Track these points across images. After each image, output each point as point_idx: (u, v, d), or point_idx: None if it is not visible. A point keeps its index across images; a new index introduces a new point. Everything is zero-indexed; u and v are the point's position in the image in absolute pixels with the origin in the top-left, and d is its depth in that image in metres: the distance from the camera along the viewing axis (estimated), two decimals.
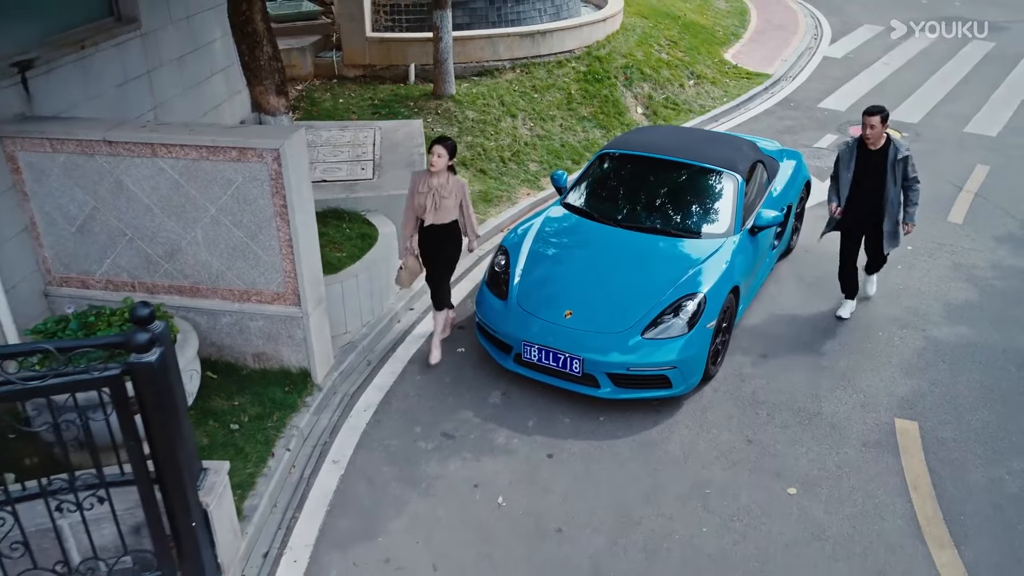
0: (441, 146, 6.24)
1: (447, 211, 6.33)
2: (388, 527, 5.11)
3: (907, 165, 6.68)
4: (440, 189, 6.26)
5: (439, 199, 6.25)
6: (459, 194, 6.36)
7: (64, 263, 6.15)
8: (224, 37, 9.01)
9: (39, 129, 5.68)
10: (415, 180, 6.38)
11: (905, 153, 6.66)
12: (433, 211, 6.29)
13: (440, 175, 6.26)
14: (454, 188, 6.32)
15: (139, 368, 3.77)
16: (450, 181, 6.32)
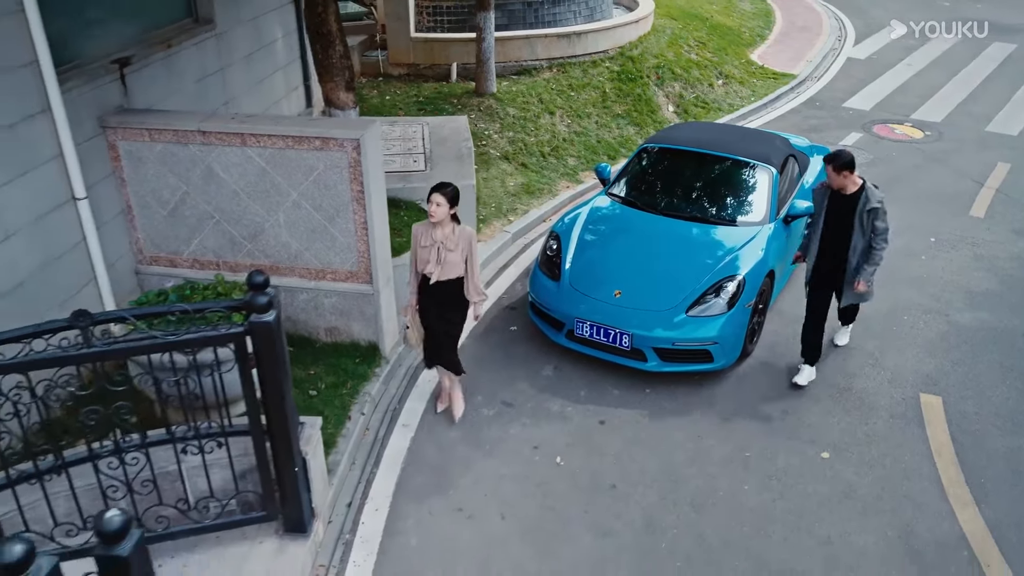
0: (439, 193, 5.55)
1: (453, 266, 5.67)
2: (458, 482, 5.63)
3: (876, 217, 6.07)
4: (445, 241, 5.61)
5: (444, 252, 5.61)
6: (465, 247, 5.68)
7: (155, 243, 6.72)
8: (285, 37, 9.60)
9: (139, 120, 6.26)
10: (417, 232, 5.72)
11: (875, 205, 6.04)
12: (437, 266, 5.65)
13: (443, 225, 5.61)
14: (460, 240, 5.66)
15: (259, 327, 4.32)
16: (455, 232, 5.65)
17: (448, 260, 5.63)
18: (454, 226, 5.66)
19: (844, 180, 6.05)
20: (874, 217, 6.06)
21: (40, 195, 5.64)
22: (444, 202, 5.54)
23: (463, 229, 5.71)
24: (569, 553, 5.08)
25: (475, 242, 5.76)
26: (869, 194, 6.07)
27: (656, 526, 5.28)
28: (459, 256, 5.66)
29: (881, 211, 6.07)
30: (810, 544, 5.15)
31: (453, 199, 5.62)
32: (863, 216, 6.07)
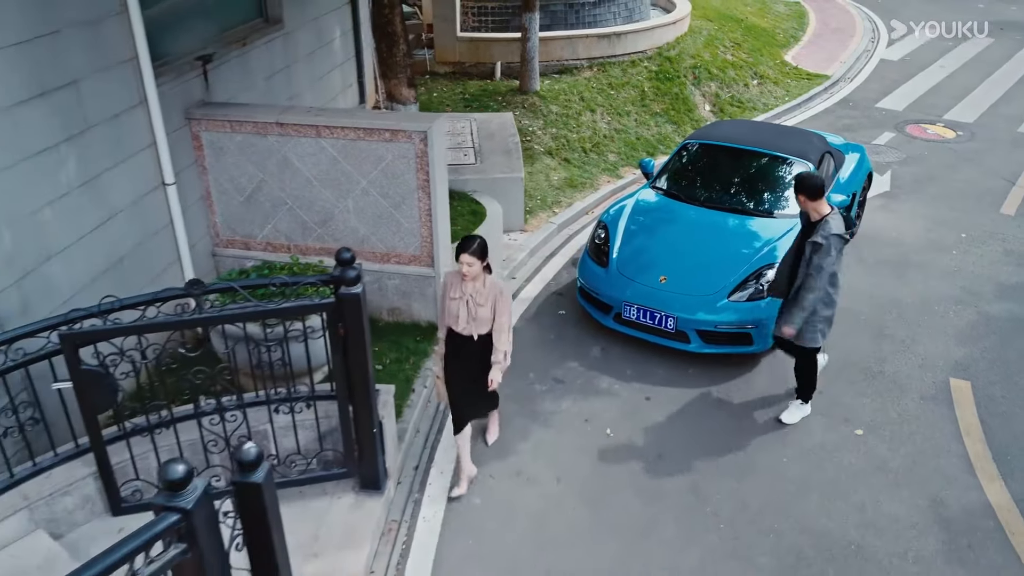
0: (466, 254, 5.08)
1: (484, 322, 5.28)
2: (515, 449, 6.08)
3: (816, 252, 5.62)
4: (475, 295, 5.22)
5: (474, 307, 5.24)
6: (493, 301, 5.25)
7: (231, 227, 7.23)
8: (342, 37, 10.11)
9: (222, 112, 6.77)
10: (447, 281, 5.38)
11: (820, 240, 5.60)
12: (469, 321, 5.28)
13: (475, 280, 5.21)
14: (491, 293, 5.23)
15: (347, 298, 4.78)
16: (487, 285, 5.24)
17: (479, 316, 5.25)
18: (486, 277, 5.24)
19: (813, 204, 5.70)
20: (814, 251, 5.62)
21: (137, 179, 6.16)
22: (475, 261, 5.10)
23: (494, 283, 5.26)
24: (620, 513, 5.52)
25: (507, 296, 5.32)
26: (822, 226, 5.63)
27: (700, 492, 5.70)
28: (488, 311, 5.26)
29: (824, 248, 5.57)
30: (845, 509, 5.54)
31: (482, 254, 5.14)
32: (807, 247, 5.68)
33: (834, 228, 5.61)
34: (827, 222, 5.63)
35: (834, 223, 5.64)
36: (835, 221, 5.65)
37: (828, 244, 5.57)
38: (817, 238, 5.60)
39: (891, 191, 10.58)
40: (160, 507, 3.05)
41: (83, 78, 5.50)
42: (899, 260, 8.83)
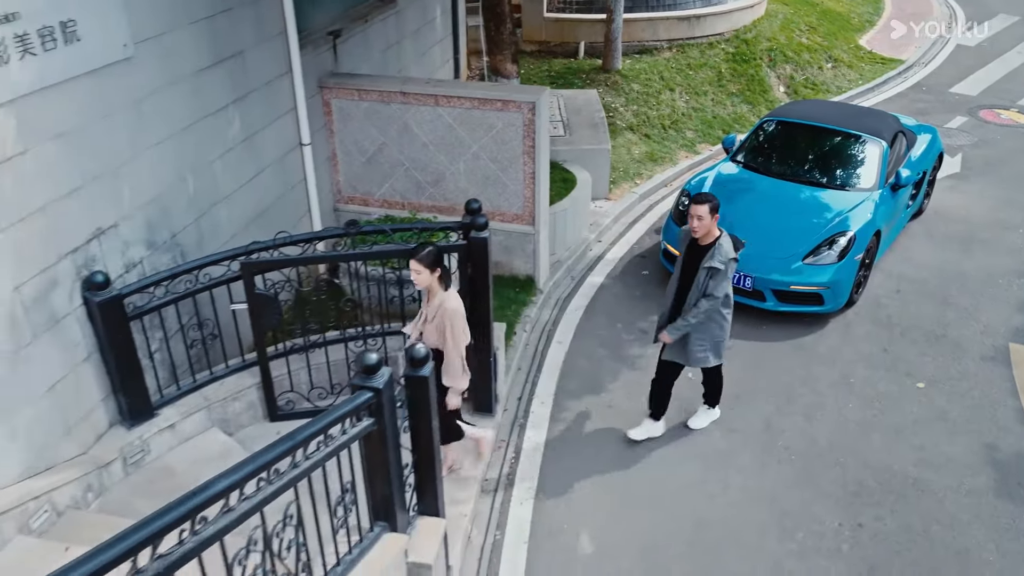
0: (414, 260, 4.78)
1: (431, 339, 4.96)
2: (607, 386, 6.85)
3: (711, 277, 5.52)
4: (427, 310, 4.99)
5: (423, 323, 5.03)
6: (441, 324, 4.88)
7: (352, 186, 8.10)
8: (442, 15, 10.92)
9: (352, 82, 7.62)
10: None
11: (718, 265, 5.48)
12: (416, 332, 5.12)
13: (431, 292, 4.94)
14: (439, 312, 4.88)
15: (477, 241, 5.58)
16: (436, 299, 4.91)
17: (427, 330, 4.97)
18: (439, 293, 4.90)
19: (709, 226, 5.54)
20: (710, 276, 5.53)
21: (281, 139, 7.05)
22: (423, 270, 4.78)
23: (443, 301, 4.88)
24: (700, 442, 6.25)
25: (458, 319, 4.89)
26: (716, 251, 5.53)
27: (773, 428, 6.39)
28: (434, 329, 4.93)
29: (722, 273, 5.52)
30: (905, 449, 6.18)
31: (432, 263, 4.80)
32: (701, 271, 5.57)
33: (728, 252, 5.53)
34: (720, 246, 5.52)
35: (727, 245, 5.56)
36: (727, 243, 5.57)
37: (726, 269, 5.51)
38: (715, 263, 5.47)
39: (961, 172, 10.99)
40: (357, 387, 3.90)
41: (247, 49, 6.38)
42: (966, 236, 9.30)
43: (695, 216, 5.48)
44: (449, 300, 4.90)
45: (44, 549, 4.33)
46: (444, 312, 4.86)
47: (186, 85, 5.69)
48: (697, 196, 5.57)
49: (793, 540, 5.39)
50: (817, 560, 5.24)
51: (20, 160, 4.32)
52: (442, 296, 4.90)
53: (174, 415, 5.42)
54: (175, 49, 5.52)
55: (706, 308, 5.60)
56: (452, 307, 4.88)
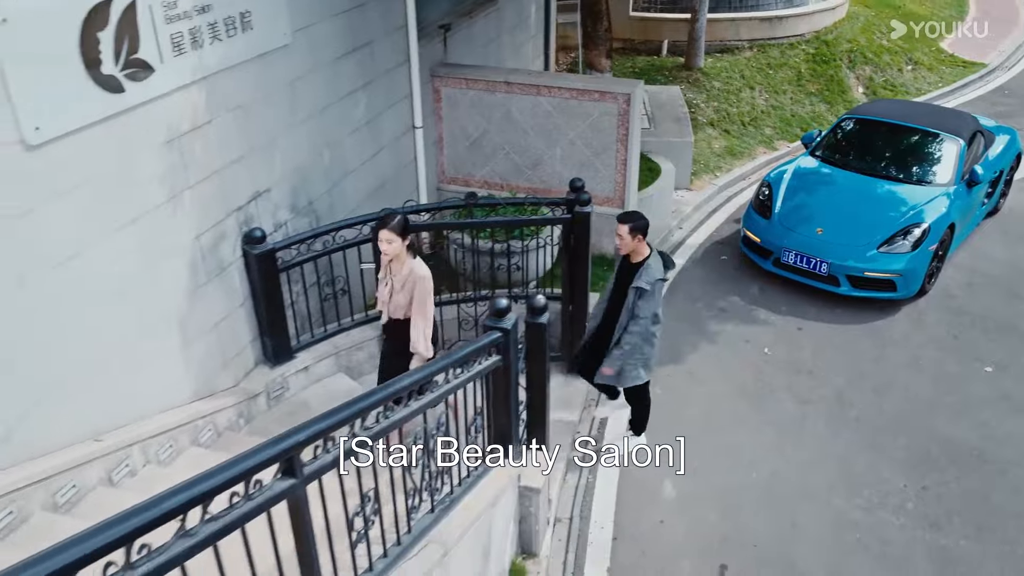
0: (385, 230, 4.82)
1: (400, 308, 5.08)
2: (687, 357, 7.42)
3: (639, 297, 5.43)
4: (395, 279, 5.04)
5: (392, 292, 5.08)
6: (411, 288, 4.96)
7: (455, 167, 8.82)
8: (536, 13, 11.55)
9: (460, 72, 8.33)
10: (380, 261, 5.25)
11: (645, 286, 5.40)
12: (385, 305, 5.18)
13: (398, 260, 4.99)
14: (408, 280, 4.96)
15: (580, 216, 6.23)
16: (404, 270, 4.98)
17: (395, 301, 5.08)
18: (407, 261, 4.98)
19: (637, 244, 5.50)
20: (638, 297, 5.45)
21: (398, 122, 7.80)
22: (395, 238, 4.83)
23: (414, 268, 4.97)
24: (775, 410, 6.78)
25: (429, 284, 4.98)
26: (645, 272, 5.45)
27: (844, 400, 6.88)
28: (404, 298, 5.01)
29: (649, 293, 5.41)
30: (969, 424, 6.61)
31: (402, 230, 4.87)
32: (631, 292, 5.49)
33: (656, 273, 5.50)
34: (649, 266, 5.48)
35: (656, 266, 5.52)
36: (656, 264, 5.53)
37: (653, 289, 5.45)
38: (642, 284, 5.41)
39: None
40: (489, 327, 4.57)
41: (375, 40, 7.13)
42: None
43: (616, 234, 5.47)
44: (419, 267, 4.98)
45: (213, 458, 5.13)
46: (416, 279, 4.92)
47: (327, 70, 6.46)
48: (621, 215, 5.54)
49: (860, 496, 5.90)
50: (882, 514, 5.74)
51: (207, 128, 5.12)
52: (411, 264, 4.97)
53: (308, 359, 6.20)
54: (320, 38, 6.29)
55: (637, 332, 5.52)
56: (423, 273, 4.96)
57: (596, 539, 5.54)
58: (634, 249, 5.52)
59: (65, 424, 4.38)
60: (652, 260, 5.52)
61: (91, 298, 4.41)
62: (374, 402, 3.29)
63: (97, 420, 4.60)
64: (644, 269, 5.46)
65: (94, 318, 4.45)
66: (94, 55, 4.19)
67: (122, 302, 4.64)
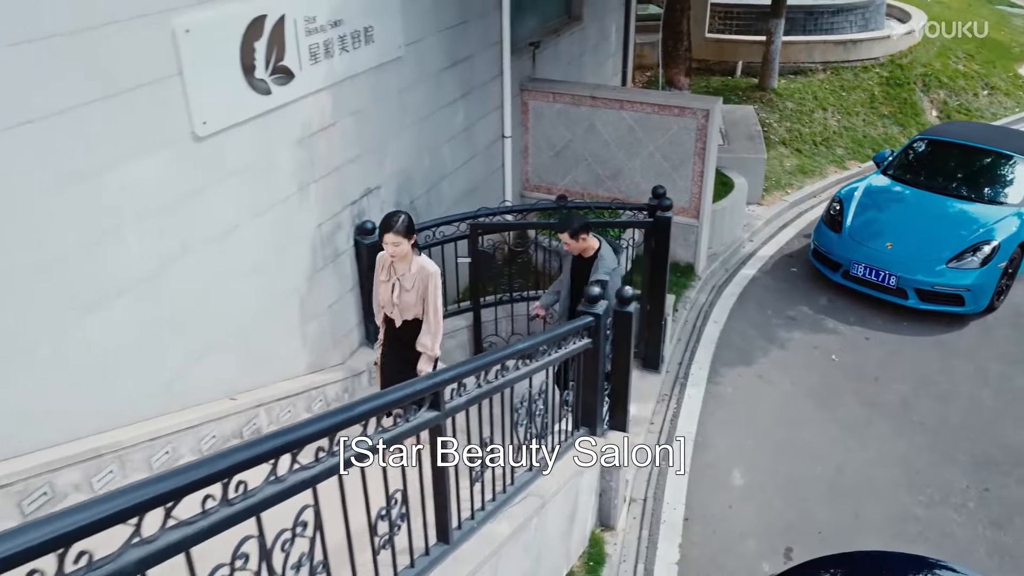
0: (391, 234, 4.75)
1: (409, 307, 4.96)
2: (757, 360, 7.79)
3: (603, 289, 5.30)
4: (402, 279, 4.90)
5: (400, 291, 4.93)
6: (422, 287, 4.87)
7: (538, 176, 9.36)
8: (616, 33, 12.09)
9: (548, 86, 8.89)
10: (378, 261, 5.14)
11: (602, 277, 5.54)
12: (394, 306, 5.01)
13: (402, 259, 4.88)
14: (418, 277, 4.86)
15: (662, 220, 6.69)
16: (414, 267, 4.87)
17: (403, 301, 4.94)
18: (413, 259, 4.88)
19: (583, 243, 5.71)
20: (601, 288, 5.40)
21: (489, 131, 8.38)
22: (401, 240, 4.75)
23: (423, 264, 4.89)
24: (842, 411, 7.10)
25: (437, 282, 4.88)
26: (600, 264, 5.66)
27: (909, 406, 7.17)
28: (414, 296, 4.90)
29: (611, 284, 5.51)
30: None
31: (408, 231, 4.76)
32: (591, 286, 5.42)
33: (611, 262, 5.66)
34: (603, 257, 5.65)
35: (609, 256, 5.69)
36: (609, 254, 5.71)
37: (612, 279, 5.57)
38: (601, 276, 5.53)
39: None
40: (582, 312, 5.07)
41: (474, 54, 7.73)
42: None
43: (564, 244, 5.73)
44: (427, 263, 4.90)
45: None
46: (425, 276, 4.84)
47: (431, 81, 7.07)
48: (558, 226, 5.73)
49: (923, 493, 6.19)
50: (943, 511, 6.03)
51: (331, 129, 5.75)
52: (419, 261, 4.89)
53: None
54: (426, 52, 6.91)
55: None
56: (432, 269, 4.88)
57: (669, 518, 5.96)
58: (584, 247, 5.74)
59: (210, 382, 5.01)
60: (604, 251, 5.74)
61: (235, 273, 5.05)
62: (496, 359, 3.81)
63: (233, 381, 5.23)
64: (599, 262, 5.70)
65: (236, 291, 5.09)
66: (250, 61, 4.85)
67: (257, 279, 5.28)
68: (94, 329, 4.17)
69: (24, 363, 3.83)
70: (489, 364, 3.69)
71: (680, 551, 5.68)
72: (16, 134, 3.60)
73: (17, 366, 3.80)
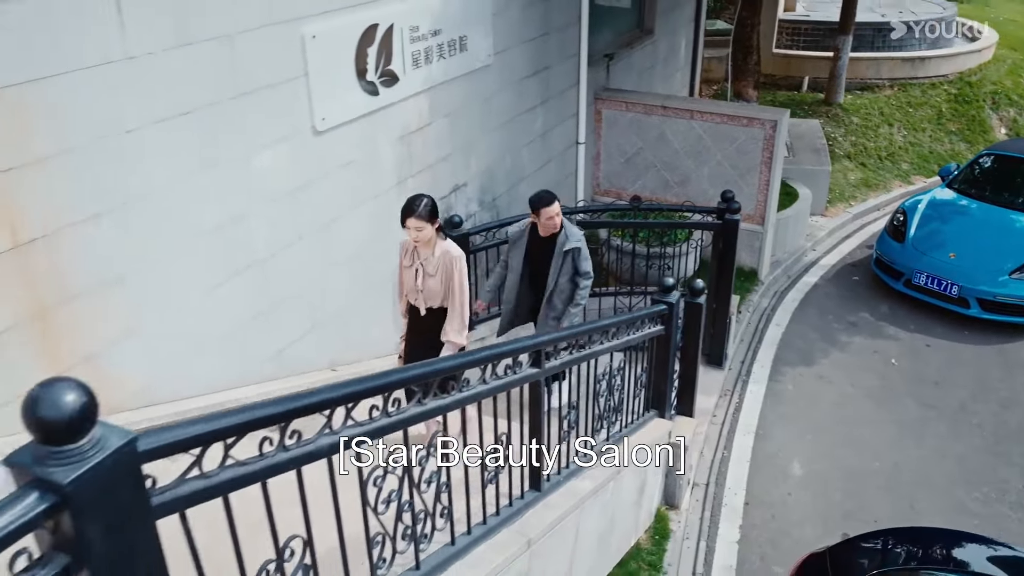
0: (413, 218, 4.50)
1: (434, 294, 4.71)
2: (818, 361, 8.08)
3: (578, 256, 5.68)
4: (425, 264, 4.66)
5: (424, 277, 4.68)
6: (448, 272, 4.62)
7: (609, 181, 9.80)
8: (685, 47, 12.47)
9: (621, 96, 9.33)
10: (401, 248, 4.87)
11: (575, 244, 5.65)
12: (418, 293, 4.74)
13: (426, 244, 4.62)
14: (442, 262, 4.61)
15: (730, 223, 7.06)
16: (437, 252, 4.62)
17: (427, 287, 4.69)
18: (437, 243, 4.63)
19: (557, 220, 5.66)
20: (575, 256, 5.69)
21: (564, 137, 8.84)
22: (425, 225, 4.51)
23: (448, 250, 4.63)
24: (900, 412, 7.35)
25: (463, 267, 4.64)
26: (568, 232, 5.69)
27: (968, 409, 7.38)
28: (437, 283, 4.66)
29: (582, 250, 5.71)
30: None
31: (431, 215, 4.54)
32: (561, 256, 5.66)
33: (577, 230, 5.77)
34: (569, 228, 5.73)
35: (571, 227, 5.78)
36: (570, 225, 5.79)
37: (583, 246, 5.72)
38: (573, 244, 5.65)
39: None
40: (655, 300, 5.48)
41: (553, 65, 8.22)
42: None
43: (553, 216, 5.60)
44: (451, 247, 4.66)
45: None
46: (450, 260, 4.60)
47: (514, 88, 7.58)
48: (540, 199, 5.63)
49: (979, 491, 6.42)
50: (999, 508, 6.26)
51: (427, 129, 6.29)
52: (443, 246, 4.64)
53: (484, 331, 7.23)
54: (511, 61, 7.42)
55: (585, 286, 5.79)
56: (457, 253, 4.63)
57: (730, 502, 6.30)
58: (549, 226, 5.68)
59: (313, 354, 5.55)
60: (565, 224, 5.73)
61: (339, 258, 5.60)
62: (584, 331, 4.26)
63: (333, 355, 5.77)
64: (566, 230, 5.69)
65: (340, 274, 5.64)
66: (363, 65, 5.40)
67: (356, 265, 5.82)
68: (222, 299, 4.74)
69: (169, 323, 4.41)
70: (579, 335, 4.14)
71: (740, 531, 6.02)
72: (177, 123, 4.19)
73: (163, 325, 4.38)
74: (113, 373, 4.13)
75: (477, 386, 3.13)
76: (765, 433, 7.07)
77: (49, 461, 1.49)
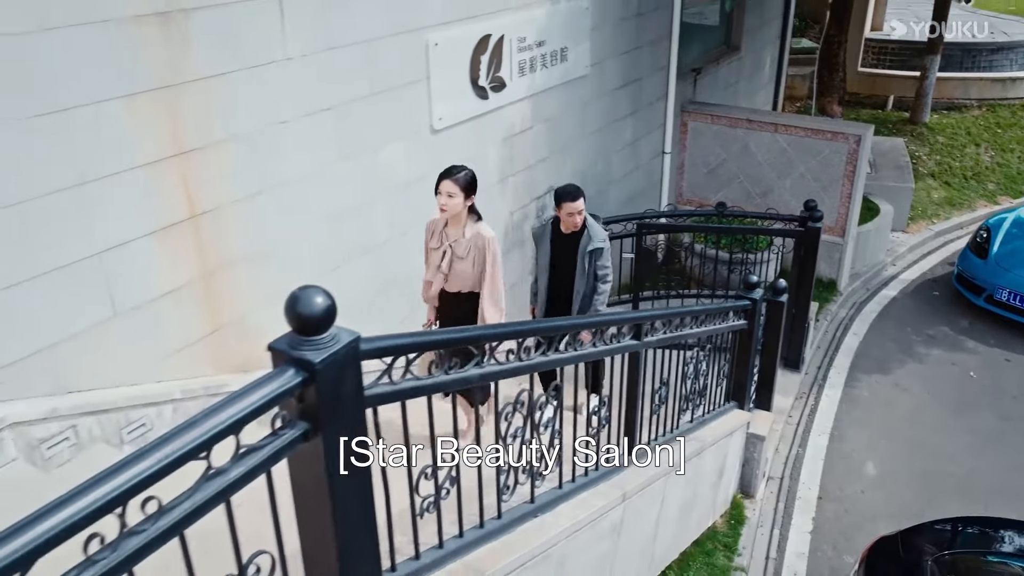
0: (448, 180, 4.25)
1: (464, 277, 4.46)
2: (894, 370, 8.26)
3: (599, 257, 5.47)
4: (455, 245, 4.39)
5: (452, 259, 4.42)
6: (480, 255, 4.37)
7: (692, 190, 10.14)
8: (770, 64, 12.74)
9: (707, 109, 9.69)
10: (428, 226, 4.63)
11: (599, 244, 5.44)
12: (441, 274, 4.50)
13: (457, 222, 4.38)
14: (473, 244, 4.36)
15: (812, 230, 7.35)
16: (467, 233, 4.38)
17: (456, 270, 4.44)
18: (469, 223, 4.39)
19: (580, 217, 5.43)
20: (598, 257, 5.48)
21: (652, 147, 9.25)
22: (457, 191, 4.24)
23: (479, 232, 4.38)
24: (976, 422, 7.49)
25: (496, 249, 4.39)
26: (592, 232, 5.47)
27: None
28: (469, 266, 4.41)
29: (605, 251, 5.50)
30: None
31: (469, 187, 4.29)
32: (585, 256, 5.46)
33: (601, 230, 5.59)
34: (592, 226, 5.54)
35: (596, 226, 5.58)
36: (594, 224, 5.59)
37: (607, 247, 5.56)
38: (596, 244, 5.45)
39: None
40: (738, 295, 5.83)
41: (644, 77, 8.64)
42: None
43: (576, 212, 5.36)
44: (484, 228, 4.40)
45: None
46: (482, 242, 4.33)
47: (607, 98, 8.03)
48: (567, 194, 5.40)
49: None
50: None
51: (528, 132, 6.78)
52: (475, 227, 4.37)
53: None
54: (606, 72, 7.87)
55: (603, 290, 5.57)
56: (489, 235, 4.36)
57: (804, 495, 6.57)
58: (579, 221, 5.47)
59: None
60: (590, 223, 5.52)
61: None
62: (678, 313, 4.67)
63: None
64: (589, 230, 5.47)
65: None
66: (476, 71, 5.93)
67: None
68: (344, 278, 5.29)
69: None
70: (673, 316, 4.55)
71: (813, 523, 6.29)
72: (321, 118, 4.76)
73: None
74: (257, 332, 4.70)
75: (588, 347, 3.57)
76: (840, 434, 7.30)
77: (303, 347, 1.98)
